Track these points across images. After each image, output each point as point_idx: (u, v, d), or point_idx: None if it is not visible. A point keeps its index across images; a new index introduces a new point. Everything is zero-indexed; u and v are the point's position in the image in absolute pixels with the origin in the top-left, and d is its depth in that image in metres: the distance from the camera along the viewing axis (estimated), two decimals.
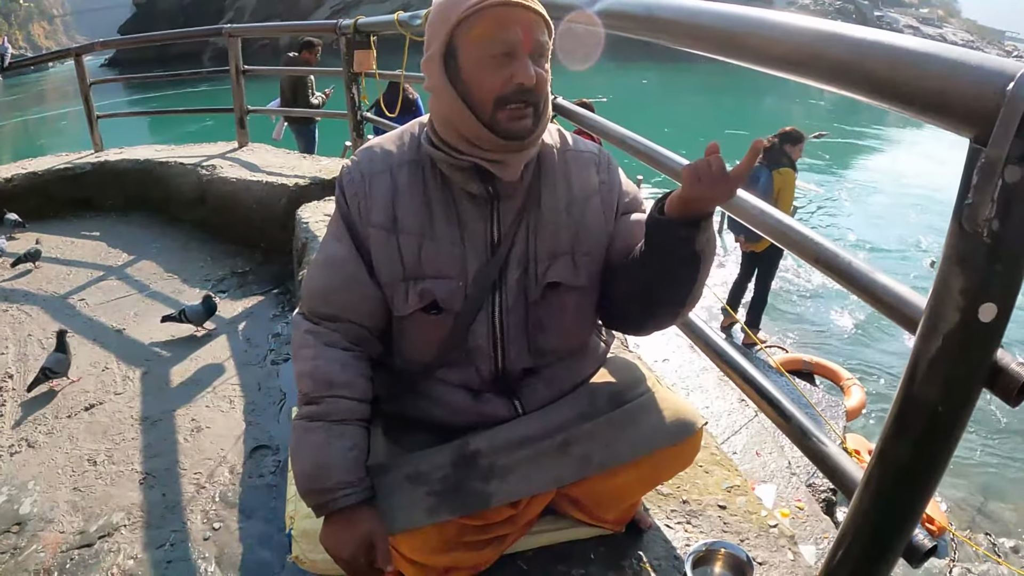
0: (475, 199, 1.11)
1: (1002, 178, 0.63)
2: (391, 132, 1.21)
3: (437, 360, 1.16)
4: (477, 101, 1.03)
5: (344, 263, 1.12)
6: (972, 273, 0.68)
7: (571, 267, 1.15)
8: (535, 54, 1.03)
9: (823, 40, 0.85)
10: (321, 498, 1.06)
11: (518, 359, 1.17)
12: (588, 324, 1.26)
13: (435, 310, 1.12)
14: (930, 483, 0.79)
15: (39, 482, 2.23)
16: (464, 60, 1.03)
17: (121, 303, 3.56)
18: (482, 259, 1.12)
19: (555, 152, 1.17)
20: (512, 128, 1.03)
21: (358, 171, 1.14)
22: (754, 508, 1.41)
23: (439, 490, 1.10)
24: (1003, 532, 3.97)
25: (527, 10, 1.03)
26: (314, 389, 1.09)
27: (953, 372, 0.73)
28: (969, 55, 0.68)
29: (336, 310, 1.12)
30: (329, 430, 1.07)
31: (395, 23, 2.99)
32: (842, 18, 46.30)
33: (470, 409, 1.18)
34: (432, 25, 1.07)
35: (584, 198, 1.16)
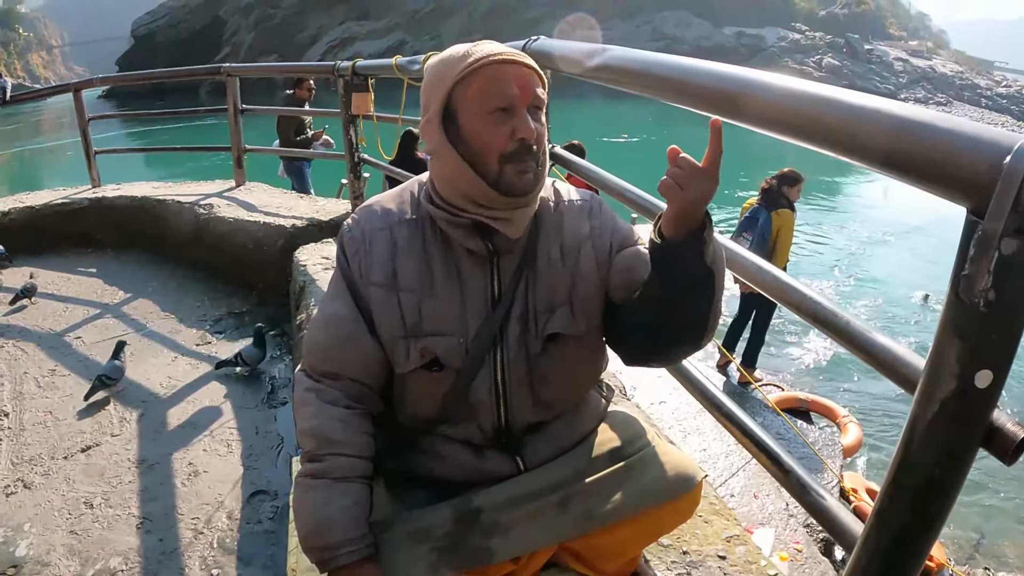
0: (474, 256, 1.11)
1: (998, 250, 0.64)
2: (391, 191, 1.22)
3: (439, 416, 1.16)
4: (480, 160, 1.04)
5: (344, 321, 1.12)
6: (968, 342, 0.69)
7: (569, 317, 1.15)
8: (532, 107, 1.05)
9: (821, 105, 0.86)
10: (324, 555, 1.06)
11: (520, 413, 1.17)
12: (590, 373, 1.26)
13: (436, 367, 1.11)
14: (926, 542, 0.80)
15: (35, 524, 2.22)
16: (464, 119, 1.04)
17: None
18: (482, 315, 1.12)
19: (550, 205, 1.19)
20: (516, 183, 1.04)
21: (359, 229, 1.15)
22: (754, 558, 1.42)
23: (441, 547, 1.10)
24: (1001, 566, 3.96)
25: (521, 65, 1.05)
26: (316, 447, 1.09)
27: (950, 436, 0.74)
28: (966, 125, 0.69)
29: (337, 368, 1.13)
30: (330, 488, 1.07)
31: (393, 67, 3.04)
32: (833, 52, 47.14)
33: (471, 466, 1.18)
34: (428, 88, 1.08)
35: (576, 247, 1.17)
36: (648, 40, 43.40)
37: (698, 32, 46.74)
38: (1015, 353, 0.71)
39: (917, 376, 0.81)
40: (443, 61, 1.07)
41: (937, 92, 45.29)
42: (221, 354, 3.40)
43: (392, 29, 46.94)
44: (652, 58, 1.27)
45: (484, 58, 1.03)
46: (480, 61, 1.03)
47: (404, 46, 43.52)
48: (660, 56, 1.26)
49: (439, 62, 1.08)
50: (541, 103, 1.07)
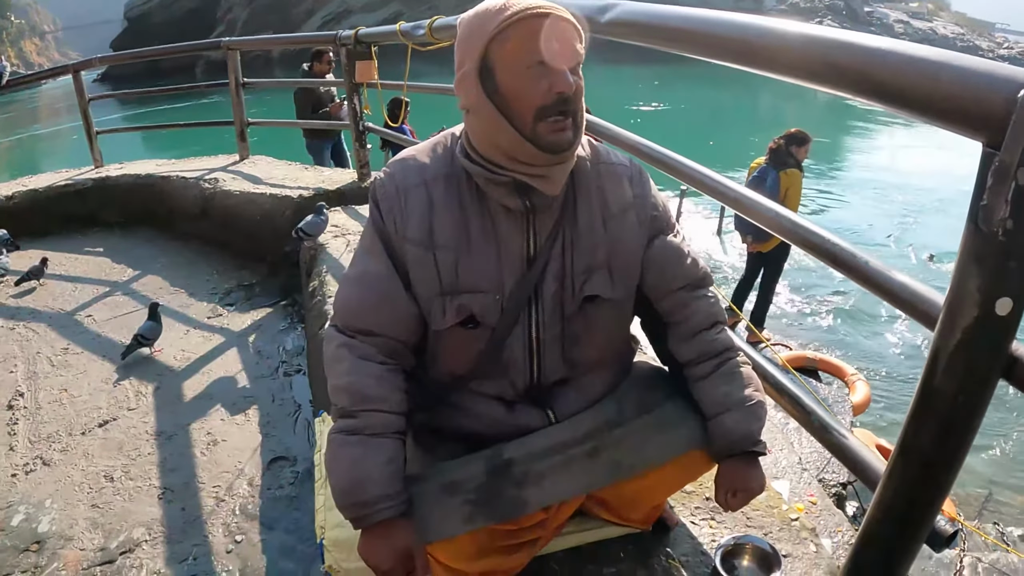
0: (511, 213, 1.11)
1: (1015, 180, 0.66)
2: (422, 143, 1.20)
3: (472, 373, 1.17)
4: (517, 114, 1.02)
5: (380, 278, 1.12)
6: (988, 270, 0.71)
7: (608, 281, 1.15)
8: (571, 64, 1.03)
9: (837, 49, 0.87)
10: (359, 511, 1.06)
11: (552, 371, 1.19)
12: (620, 334, 1.27)
13: (472, 324, 1.12)
14: (951, 470, 0.82)
15: (56, 500, 2.24)
16: (501, 74, 1.02)
17: (128, 319, 3.56)
18: (518, 273, 1.12)
19: (588, 164, 1.17)
20: (554, 140, 1.03)
21: (392, 184, 1.12)
22: (775, 503, 1.44)
23: (474, 499, 1.11)
24: (1011, 521, 4.00)
25: (560, 19, 1.02)
26: (350, 403, 1.09)
27: (971, 364, 0.76)
28: (981, 63, 0.71)
29: (371, 325, 1.12)
30: (366, 444, 1.07)
31: (397, 33, 3.01)
32: (832, 14, 46.41)
33: (504, 420, 1.19)
34: (463, 43, 1.06)
35: (621, 212, 1.17)
36: None
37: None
38: None
39: (935, 311, 0.82)
40: (478, 15, 1.05)
41: None
42: (233, 326, 3.43)
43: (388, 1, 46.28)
44: (667, 11, 1.27)
45: (524, 10, 1.00)
46: (520, 14, 1.00)
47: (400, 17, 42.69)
48: (674, 9, 1.25)
49: (475, 16, 1.05)
50: (580, 58, 1.05)
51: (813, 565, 1.27)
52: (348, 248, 3.13)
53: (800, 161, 5.01)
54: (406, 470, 1.12)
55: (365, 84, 3.89)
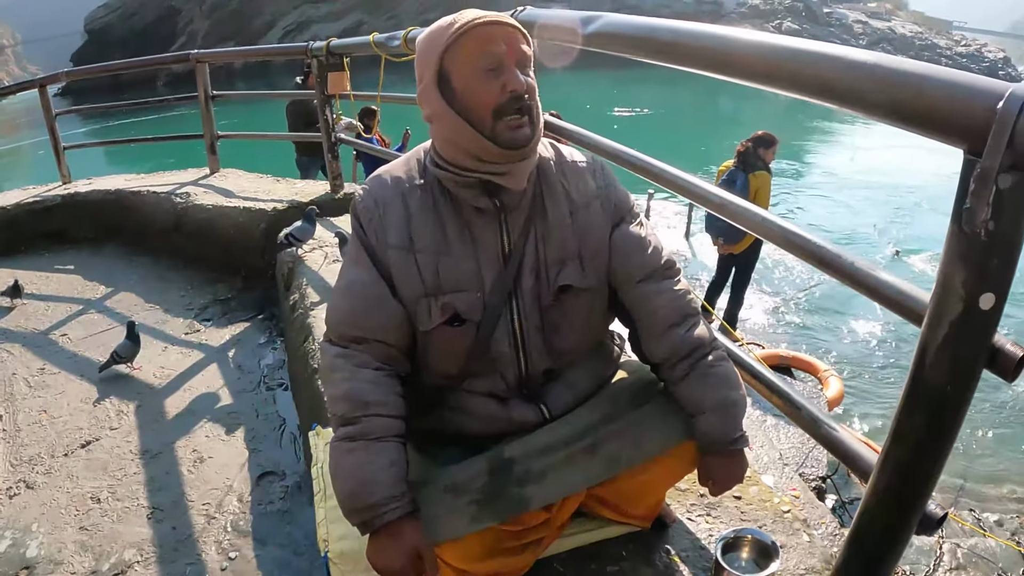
0: (484, 213, 1.17)
1: (996, 184, 0.71)
2: (397, 160, 1.27)
3: (463, 371, 1.21)
4: (476, 116, 1.09)
5: (367, 286, 1.16)
6: (972, 268, 0.77)
7: (579, 270, 1.21)
8: (520, 64, 1.11)
9: (824, 61, 0.91)
10: (367, 515, 1.09)
11: (539, 361, 1.23)
12: (599, 323, 1.32)
13: (457, 322, 1.17)
14: (942, 455, 0.88)
15: (43, 523, 2.21)
16: (457, 81, 1.10)
17: (104, 336, 3.52)
18: (496, 270, 1.17)
19: (552, 164, 1.24)
20: (513, 137, 1.10)
21: (371, 199, 1.19)
22: (766, 496, 1.49)
23: (479, 499, 1.14)
24: (986, 508, 4.13)
25: (505, 26, 1.11)
26: (350, 410, 1.12)
27: (959, 355, 0.82)
28: (962, 76, 0.76)
29: (364, 332, 1.16)
30: (368, 448, 1.10)
31: (371, 44, 3.02)
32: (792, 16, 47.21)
33: (500, 417, 1.23)
34: (421, 56, 1.14)
35: (585, 204, 1.23)
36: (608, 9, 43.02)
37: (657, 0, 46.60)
38: (1014, 277, 0.77)
39: (920, 307, 0.88)
40: (431, 32, 1.14)
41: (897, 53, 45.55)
42: (212, 341, 3.40)
43: (349, 10, 46.08)
44: (650, 23, 1.31)
45: (469, 22, 1.09)
46: (466, 25, 1.09)
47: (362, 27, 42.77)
48: (658, 21, 1.30)
49: (428, 33, 1.14)
50: (528, 59, 1.13)
51: (807, 554, 1.32)
52: (326, 260, 3.12)
53: (768, 163, 5.12)
54: (409, 476, 1.14)
55: (337, 95, 3.89)
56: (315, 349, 2.29)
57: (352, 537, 1.26)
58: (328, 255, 3.17)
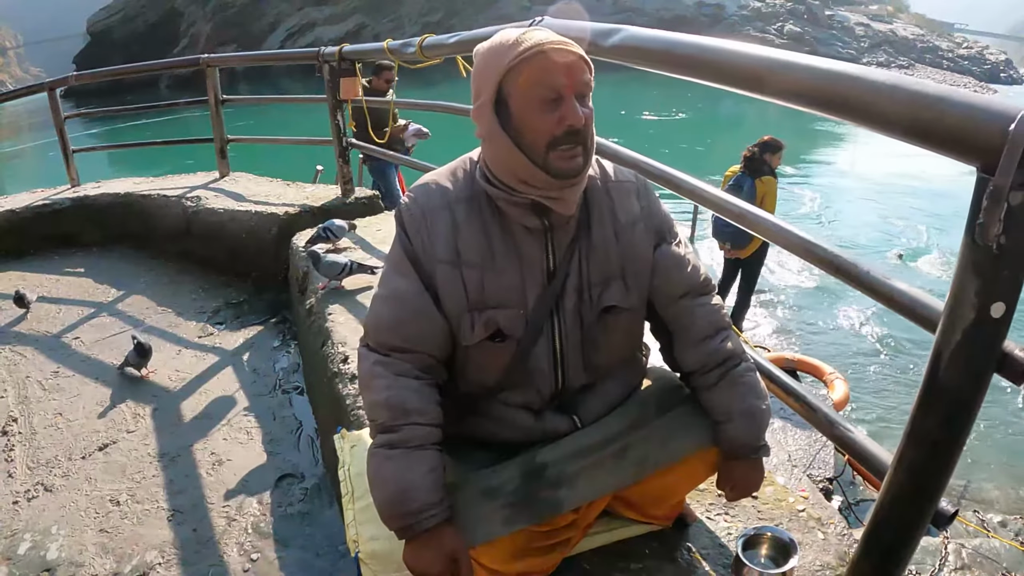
0: (531, 231, 1.17)
1: (1008, 201, 0.76)
2: (443, 168, 1.27)
3: (500, 384, 1.23)
4: (530, 144, 1.09)
5: (411, 296, 1.17)
6: (984, 279, 0.82)
7: (623, 290, 1.23)
8: (580, 95, 1.09)
9: (843, 81, 0.96)
10: (406, 521, 1.12)
11: (575, 378, 1.26)
12: (636, 339, 1.35)
13: (499, 338, 1.18)
14: (955, 453, 0.93)
15: (62, 526, 2.24)
16: (515, 107, 1.09)
17: (118, 339, 3.55)
18: (540, 287, 1.18)
19: (598, 182, 1.25)
20: (565, 168, 1.09)
21: (417, 208, 1.18)
22: (782, 496, 1.54)
23: (513, 502, 1.18)
24: (990, 509, 4.17)
25: (569, 53, 1.08)
26: (391, 418, 1.14)
27: (971, 361, 0.87)
28: (977, 99, 0.81)
29: (405, 341, 1.17)
30: (408, 456, 1.13)
31: (385, 50, 3.06)
32: (794, 18, 47.15)
33: (532, 427, 1.26)
34: (479, 74, 1.13)
35: (629, 225, 1.24)
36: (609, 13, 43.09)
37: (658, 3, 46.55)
38: (1023, 287, 0.81)
39: (933, 315, 0.92)
40: (493, 49, 1.11)
41: (899, 55, 45.79)
42: (225, 345, 3.44)
43: (350, 13, 46.15)
44: (674, 38, 1.35)
45: (534, 47, 1.07)
46: (530, 50, 1.07)
47: (364, 30, 42.87)
48: (681, 36, 1.33)
49: (489, 50, 1.12)
50: (588, 89, 1.11)
51: (822, 551, 1.37)
52: None
53: (774, 168, 5.16)
54: (445, 480, 1.17)
55: (349, 101, 3.93)
56: (335, 354, 2.32)
57: (383, 538, 1.29)
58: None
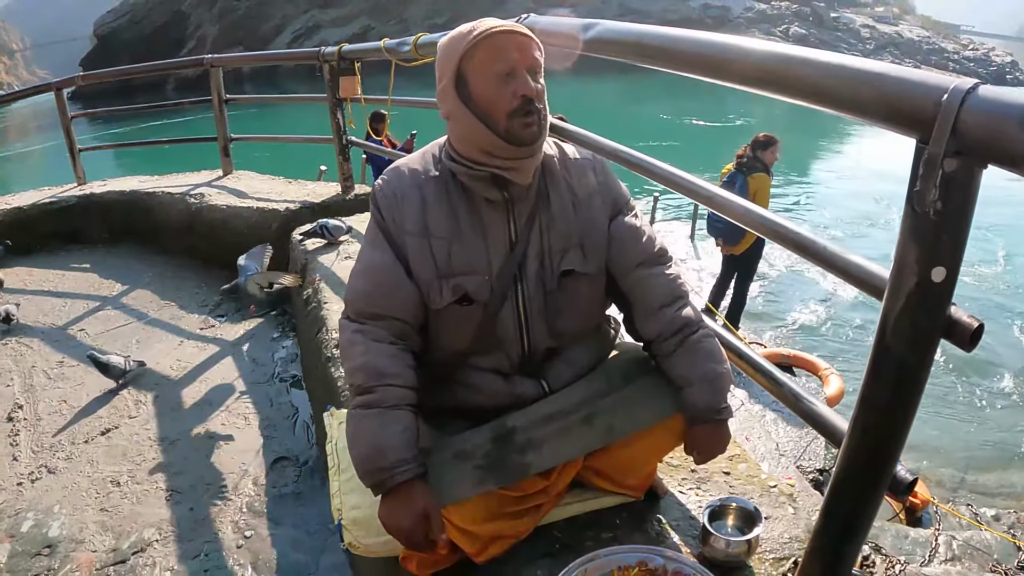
0: (494, 204, 1.28)
1: (942, 168, 0.81)
2: (414, 153, 1.38)
3: (471, 348, 1.31)
4: (491, 117, 1.20)
5: (385, 267, 1.27)
6: (924, 245, 0.86)
7: (581, 257, 1.32)
8: (532, 70, 1.21)
9: (795, 63, 1.03)
10: (380, 475, 1.18)
11: (540, 341, 1.34)
12: (598, 307, 1.42)
13: (466, 302, 1.27)
14: (906, 418, 0.96)
15: (64, 505, 2.31)
16: (474, 84, 1.21)
17: (121, 331, 3.64)
18: (503, 255, 1.28)
19: (555, 160, 1.35)
20: (523, 135, 1.20)
21: (390, 189, 1.30)
22: (754, 472, 1.58)
23: (483, 464, 1.25)
24: (983, 503, 4.20)
25: (519, 34, 1.21)
26: (367, 380, 1.22)
27: (915, 325, 0.91)
28: (913, 73, 0.87)
29: (381, 309, 1.26)
30: (383, 415, 1.20)
31: (382, 49, 3.12)
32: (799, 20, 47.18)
33: (502, 391, 1.33)
34: (441, 60, 1.25)
35: (587, 197, 1.34)
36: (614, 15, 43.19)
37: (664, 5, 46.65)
38: (963, 252, 0.87)
39: (881, 284, 0.97)
40: (452, 37, 1.25)
41: (905, 57, 45.71)
42: (226, 336, 3.51)
43: (357, 16, 46.39)
44: (644, 30, 1.43)
45: (487, 30, 1.20)
46: (483, 33, 1.20)
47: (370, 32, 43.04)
48: (651, 28, 1.41)
49: (449, 38, 1.25)
50: (539, 65, 1.24)
51: (792, 524, 1.41)
52: (339, 257, 3.22)
53: (768, 164, 5.20)
54: (420, 445, 1.24)
55: (349, 99, 3.99)
56: (329, 339, 2.39)
57: (364, 506, 1.35)
58: (340, 252, 3.27)
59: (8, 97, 6.51)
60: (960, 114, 0.78)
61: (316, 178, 6.89)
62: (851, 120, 1.01)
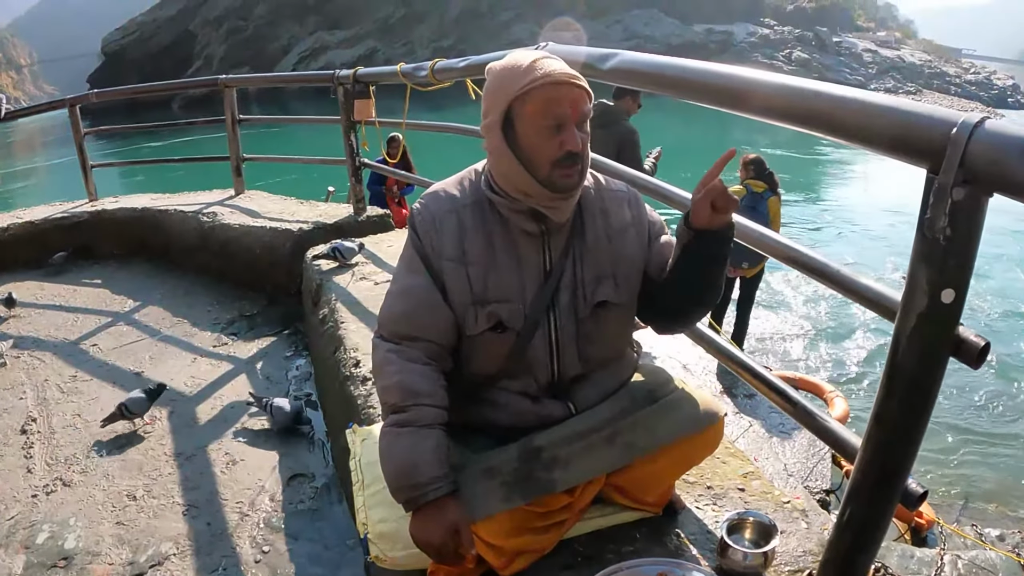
0: (529, 235, 1.31)
1: (951, 197, 0.87)
2: (451, 178, 1.41)
3: (501, 372, 1.35)
4: (533, 164, 1.23)
5: (421, 290, 1.30)
6: (934, 268, 0.91)
7: (614, 288, 1.35)
8: (580, 123, 1.23)
9: (809, 96, 1.08)
10: (413, 492, 1.22)
11: (570, 367, 1.37)
12: (626, 335, 1.47)
13: (500, 329, 1.30)
14: (917, 434, 1.01)
15: (80, 518, 2.33)
16: (521, 129, 1.23)
17: (134, 347, 3.67)
18: (537, 285, 1.31)
19: (592, 191, 1.39)
20: (563, 184, 1.23)
21: (428, 213, 1.33)
22: (768, 489, 1.62)
23: (511, 480, 1.29)
24: (988, 523, 4.24)
25: (573, 86, 1.21)
26: (401, 399, 1.26)
27: (926, 343, 0.96)
28: (923, 107, 0.93)
29: (416, 331, 1.29)
30: (416, 433, 1.24)
31: (398, 74, 3.19)
32: (802, 45, 47.60)
33: (530, 412, 1.37)
34: (490, 95, 1.27)
35: (621, 230, 1.37)
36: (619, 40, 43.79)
37: (668, 30, 47.27)
38: (971, 275, 0.93)
39: (893, 305, 1.02)
40: (505, 72, 1.25)
41: (907, 81, 46.16)
42: (239, 354, 3.55)
43: (363, 37, 46.96)
44: (662, 61, 1.49)
45: (543, 78, 1.20)
46: (538, 81, 1.20)
47: (376, 54, 43.58)
48: (669, 59, 1.48)
49: (504, 71, 1.25)
50: (587, 117, 1.26)
51: (805, 539, 1.45)
52: (353, 278, 3.27)
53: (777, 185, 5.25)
54: (449, 461, 1.27)
55: (363, 121, 4.07)
56: (347, 359, 2.42)
57: (390, 520, 1.39)
58: (355, 273, 3.32)
59: (22, 112, 6.60)
60: (968, 146, 0.84)
61: (325, 198, 6.96)
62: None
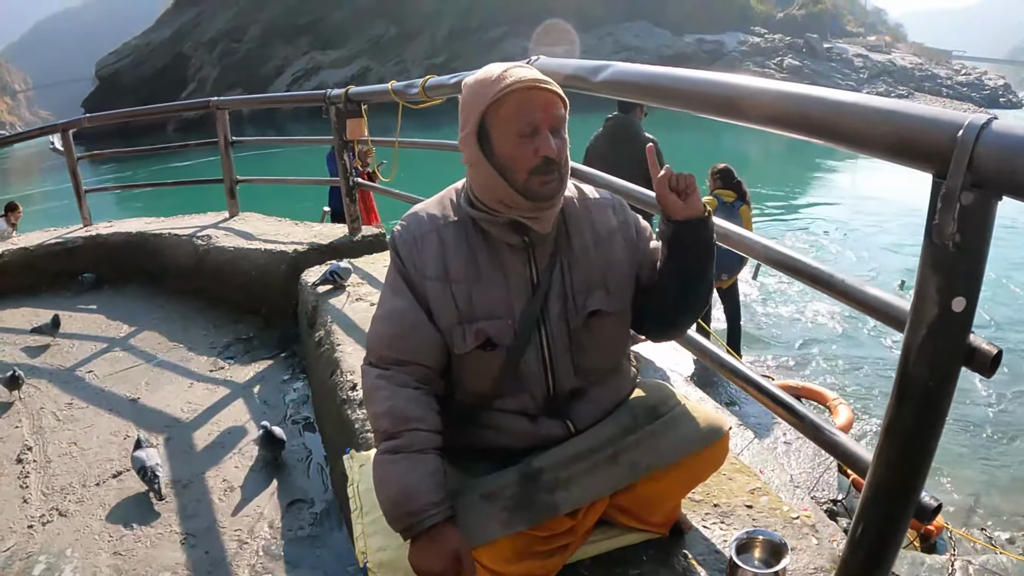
0: (513, 248, 1.28)
1: (959, 202, 0.84)
2: (431, 198, 1.39)
3: (495, 391, 1.31)
4: (511, 173, 1.21)
5: (406, 313, 1.27)
6: (944, 276, 0.88)
7: (606, 296, 1.32)
8: (554, 128, 1.21)
9: (808, 103, 1.05)
10: (409, 520, 1.18)
11: (565, 380, 1.34)
12: (621, 344, 1.43)
13: (490, 346, 1.27)
14: (930, 446, 0.97)
15: (77, 549, 2.29)
16: (495, 138, 1.21)
17: (130, 373, 3.63)
18: (525, 298, 1.28)
19: (575, 201, 1.36)
20: (542, 192, 1.21)
21: (409, 234, 1.31)
22: (776, 505, 1.59)
23: (511, 505, 1.25)
24: (998, 527, 4.20)
25: (545, 91, 1.20)
26: (392, 425, 1.22)
27: (938, 354, 0.92)
28: (927, 110, 0.90)
29: (403, 355, 1.26)
30: (410, 459, 1.20)
31: (389, 92, 3.18)
32: (793, 52, 47.91)
33: (528, 432, 1.33)
34: (465, 107, 1.25)
35: (608, 236, 1.35)
36: (610, 52, 44.04)
37: (659, 41, 47.54)
38: (981, 282, 0.89)
39: (901, 315, 0.99)
40: (479, 83, 1.23)
41: (898, 85, 46.43)
42: (236, 378, 3.51)
43: (356, 56, 47.20)
44: (655, 71, 1.46)
45: (513, 84, 1.18)
46: (509, 87, 1.18)
47: (369, 73, 43.78)
48: (661, 69, 1.45)
49: (476, 83, 1.24)
50: (562, 122, 1.24)
51: (816, 555, 1.41)
52: (349, 299, 3.23)
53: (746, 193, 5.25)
54: (447, 487, 1.24)
55: (356, 141, 4.05)
56: (344, 382, 2.39)
57: (390, 548, 1.35)
58: (350, 294, 3.29)
59: (13, 138, 6.59)
60: (976, 148, 0.81)
61: (320, 219, 6.94)
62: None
